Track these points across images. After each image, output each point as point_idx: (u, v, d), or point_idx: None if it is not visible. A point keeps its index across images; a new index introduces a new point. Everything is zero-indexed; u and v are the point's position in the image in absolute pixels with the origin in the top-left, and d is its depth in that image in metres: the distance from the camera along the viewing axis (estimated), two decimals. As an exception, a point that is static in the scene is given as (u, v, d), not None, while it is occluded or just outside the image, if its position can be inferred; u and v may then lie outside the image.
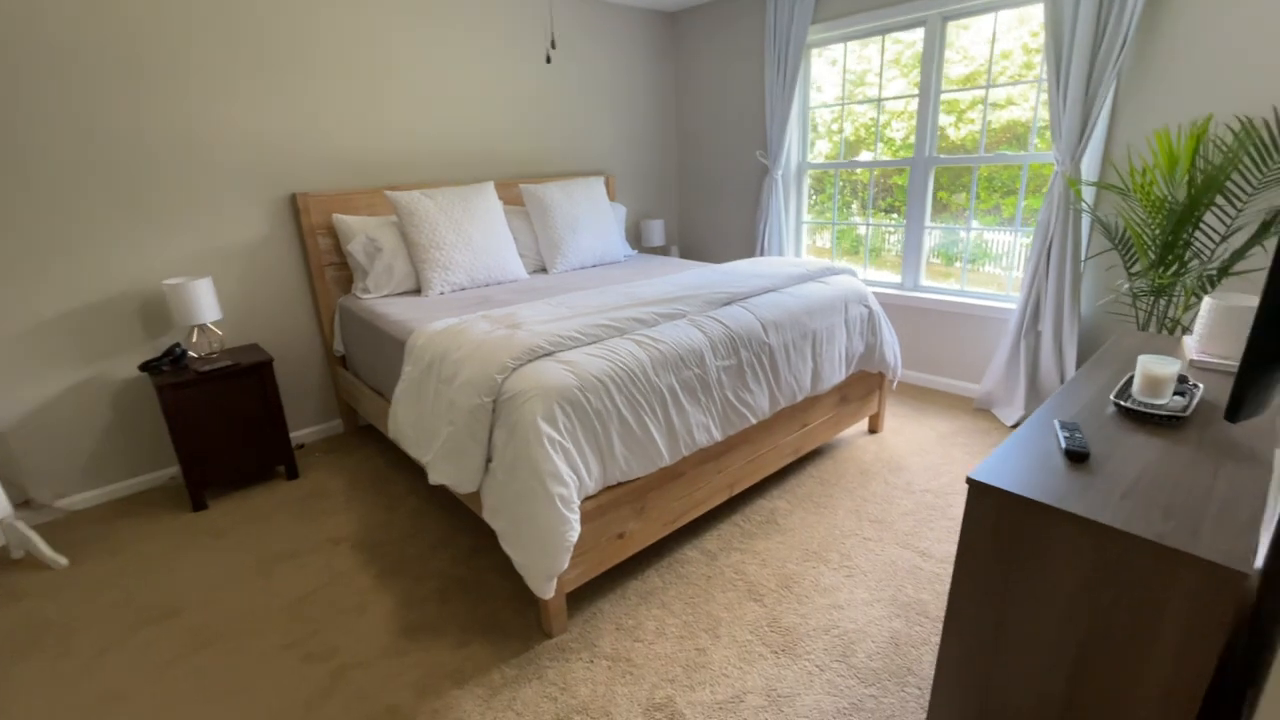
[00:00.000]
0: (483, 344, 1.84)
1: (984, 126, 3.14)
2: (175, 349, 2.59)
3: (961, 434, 2.94)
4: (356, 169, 3.10)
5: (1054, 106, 2.67)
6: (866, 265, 3.84)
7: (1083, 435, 1.24)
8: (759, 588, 1.95)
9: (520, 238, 3.38)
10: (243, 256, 2.84)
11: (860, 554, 2.10)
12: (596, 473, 1.77)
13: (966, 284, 3.38)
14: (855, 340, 2.62)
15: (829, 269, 2.74)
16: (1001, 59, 3.04)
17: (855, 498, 2.44)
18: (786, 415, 2.41)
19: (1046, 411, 1.43)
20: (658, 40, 4.27)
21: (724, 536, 2.22)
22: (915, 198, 3.42)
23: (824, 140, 3.74)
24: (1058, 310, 2.83)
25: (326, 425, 3.26)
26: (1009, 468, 1.18)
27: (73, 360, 2.51)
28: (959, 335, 3.36)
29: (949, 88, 3.21)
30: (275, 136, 2.82)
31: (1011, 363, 3.03)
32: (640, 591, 1.97)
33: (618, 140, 4.21)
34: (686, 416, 1.96)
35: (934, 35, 3.15)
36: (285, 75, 2.80)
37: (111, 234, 2.51)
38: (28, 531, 2.23)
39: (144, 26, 2.44)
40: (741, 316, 2.21)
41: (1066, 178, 2.65)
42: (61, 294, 2.45)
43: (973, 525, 1.17)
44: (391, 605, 1.95)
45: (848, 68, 3.63)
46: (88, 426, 2.58)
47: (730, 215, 4.41)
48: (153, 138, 2.53)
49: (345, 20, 2.92)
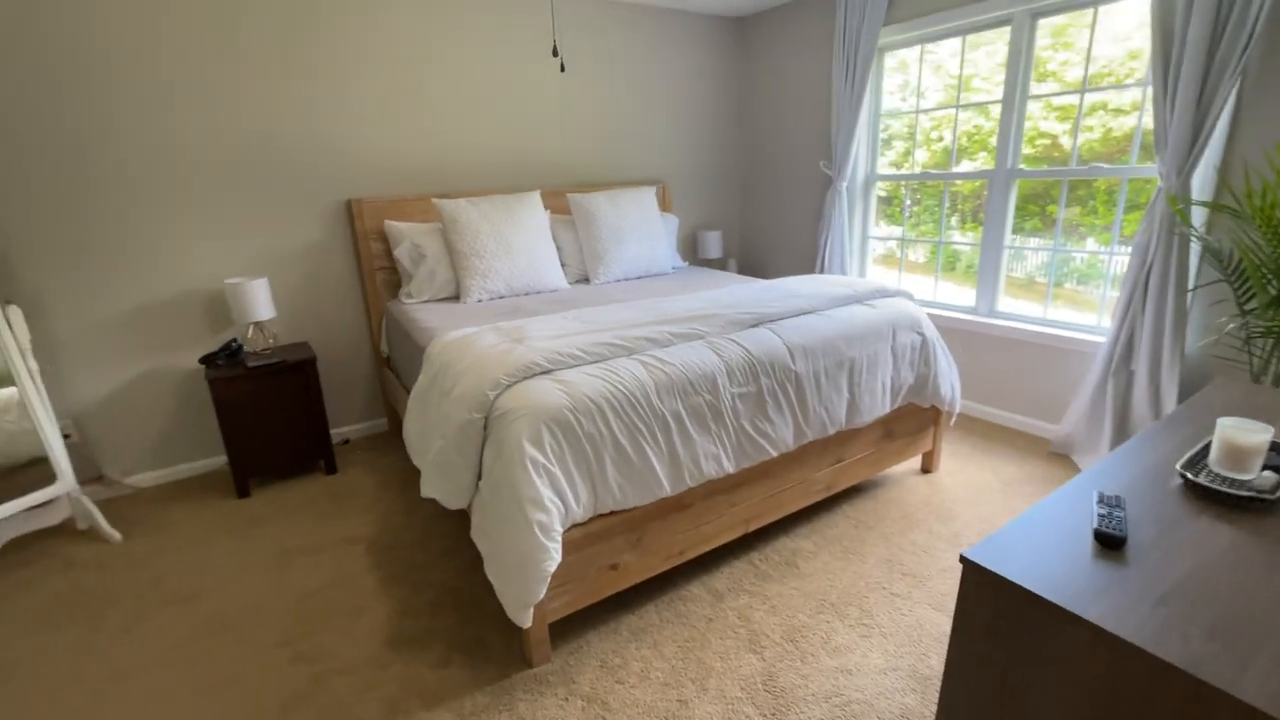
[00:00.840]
0: (483, 357, 1.80)
1: (1075, 136, 2.78)
2: (232, 344, 2.75)
3: (1030, 481, 2.60)
4: (410, 176, 3.20)
5: (1159, 114, 2.32)
6: (937, 282, 3.52)
7: (1124, 514, 1.01)
8: (761, 638, 1.79)
9: (565, 247, 3.36)
10: (300, 258, 2.99)
11: (884, 612, 1.88)
12: (586, 500, 1.68)
13: (1050, 309, 3.01)
14: (903, 370, 2.37)
15: (879, 290, 2.51)
16: (1097, 62, 2.68)
17: (891, 545, 2.20)
18: (816, 449, 2.21)
19: (1091, 476, 1.20)
20: (722, 47, 4.14)
21: (735, 576, 2.07)
22: (994, 214, 3.09)
23: (922, 149, 3.42)
24: (1155, 347, 2.45)
25: (371, 423, 3.38)
26: (1021, 547, 0.98)
27: (145, 350, 2.73)
28: (1037, 368, 2.99)
29: (1037, 94, 2.87)
30: (334, 145, 2.95)
31: (1097, 403, 2.66)
32: (634, 628, 1.86)
33: (676, 149, 4.12)
34: (693, 445, 1.83)
35: (1021, 34, 2.83)
36: (344, 85, 2.92)
37: (183, 236, 2.71)
38: (90, 506, 2.43)
39: (217, 45, 2.62)
40: (766, 340, 2.05)
41: (1169, 195, 2.28)
42: (138, 290, 2.67)
43: (966, 614, 0.98)
44: (386, 613, 1.95)
45: (938, 69, 3.35)
46: (155, 412, 2.80)
47: (792, 228, 4.19)
48: (223, 147, 2.71)
49: (402, 34, 3.01)
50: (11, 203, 2.39)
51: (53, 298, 2.51)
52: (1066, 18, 2.72)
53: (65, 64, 2.38)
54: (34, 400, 2.29)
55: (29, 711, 1.63)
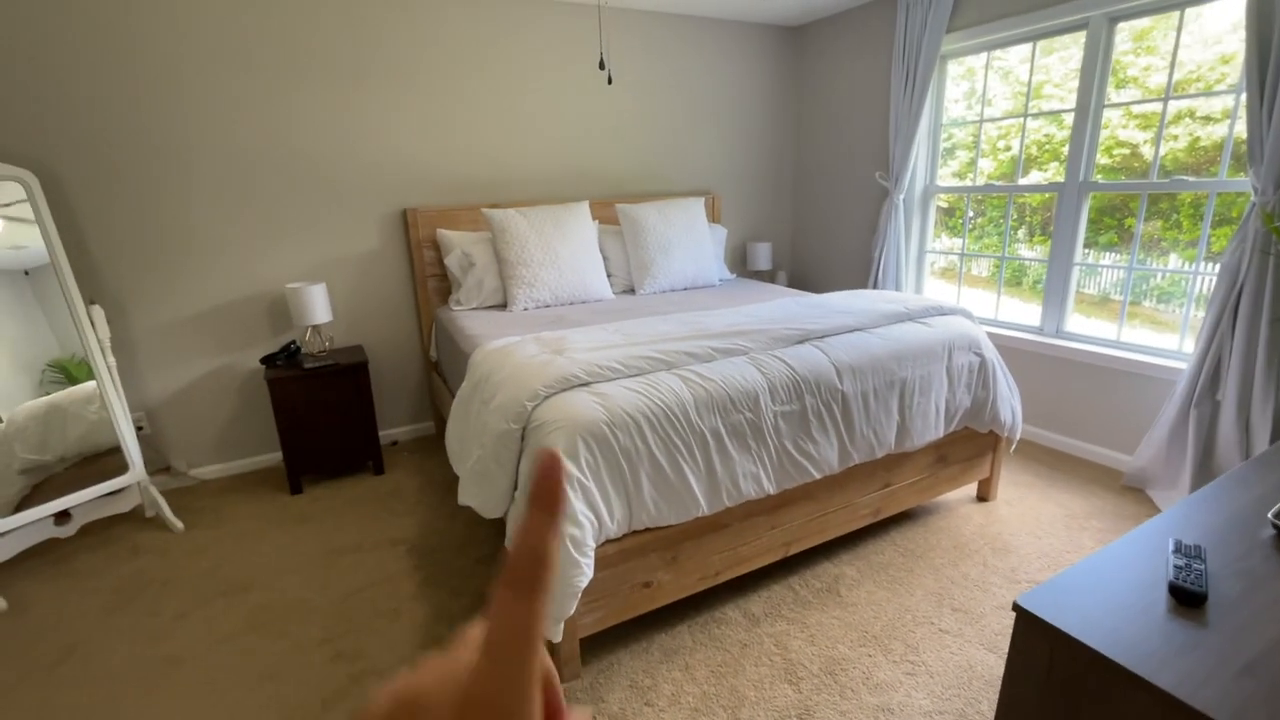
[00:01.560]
0: (523, 367, 1.81)
1: (1157, 145, 2.60)
2: (291, 345, 2.87)
3: (1098, 516, 2.43)
4: (463, 187, 3.27)
5: (1253, 123, 2.13)
6: (999, 299, 3.35)
7: (1204, 567, 0.92)
8: (799, 668, 1.72)
9: (613, 257, 3.37)
10: (357, 265, 3.10)
11: (931, 649, 1.78)
12: (620, 515, 1.65)
13: (1125, 330, 2.81)
14: (959, 393, 2.26)
15: (934, 308, 2.40)
16: (1183, 68, 2.49)
17: (941, 578, 2.08)
18: (863, 472, 2.13)
19: (1167, 520, 1.09)
20: (777, 56, 4.08)
21: (773, 600, 2.00)
22: (1064, 228, 2.91)
23: (988, 159, 3.26)
24: (1245, 377, 2.24)
25: (420, 426, 3.46)
26: (1084, 596, 0.90)
27: (213, 349, 2.88)
28: (1110, 394, 2.79)
29: (1115, 102, 2.70)
30: (391, 157, 3.06)
31: (1177, 435, 2.46)
32: (666, 648, 1.82)
33: (727, 160, 4.07)
34: (732, 464, 1.79)
35: (1098, 39, 2.67)
36: (401, 100, 3.02)
37: (249, 243, 2.85)
38: (158, 495, 2.57)
39: (285, 63, 2.76)
40: (812, 357, 1.98)
41: (1263, 212, 2.09)
42: (210, 292, 2.82)
43: (1020, 665, 0.90)
44: (424, 616, 1.98)
45: (1006, 75, 3.20)
46: (219, 408, 2.95)
47: (845, 241, 4.08)
48: (288, 159, 2.85)
49: (456, 50, 3.10)
50: (99, 212, 2.57)
51: (131, 299, 2.68)
52: (1149, 20, 2.55)
53: (145, 79, 2.55)
54: (111, 394, 2.44)
55: (87, 691, 1.72)
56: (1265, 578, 0.92)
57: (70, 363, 2.39)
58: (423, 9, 2.97)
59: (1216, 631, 0.82)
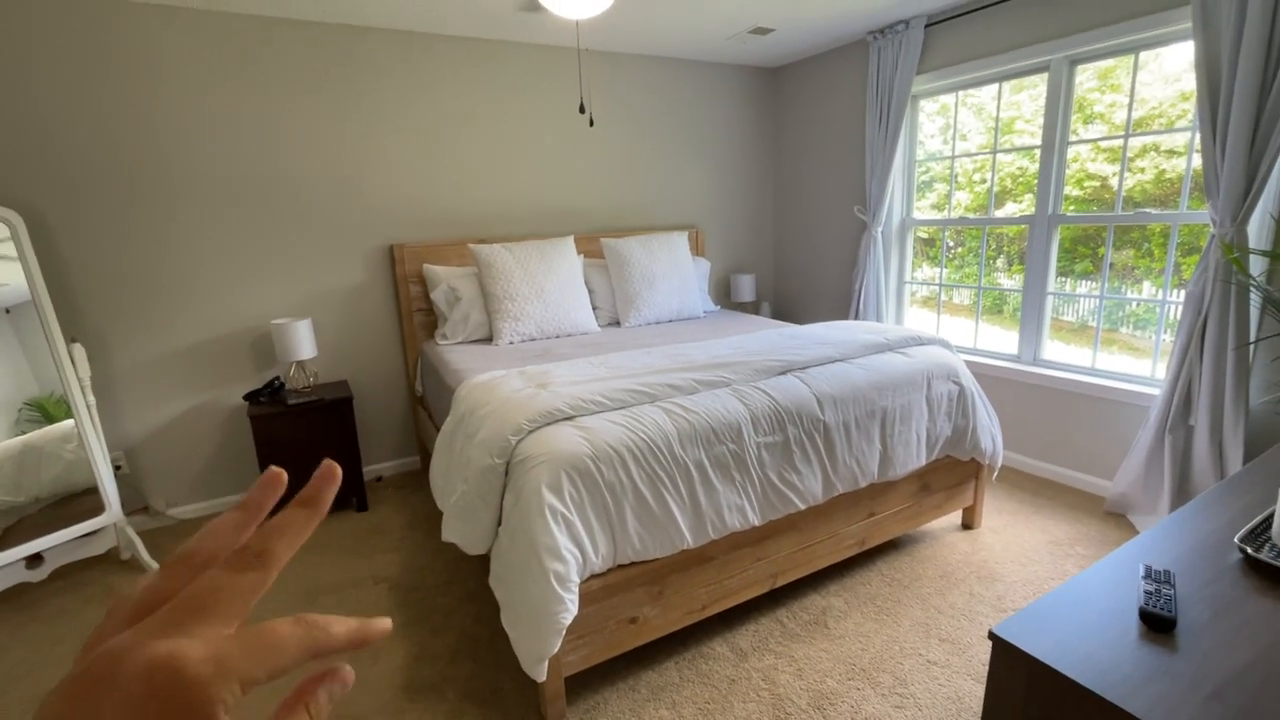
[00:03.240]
0: (507, 402, 1.81)
1: (1120, 180, 2.70)
2: (275, 381, 2.86)
3: (1082, 542, 2.44)
4: (449, 222, 3.32)
5: (1208, 159, 2.23)
6: (977, 327, 3.41)
7: (1173, 591, 0.93)
8: (786, 704, 1.70)
9: (598, 291, 3.41)
10: (343, 299, 3.11)
11: (919, 680, 1.76)
12: (605, 550, 1.65)
13: (1100, 357, 2.87)
14: (940, 421, 2.29)
15: (913, 338, 2.45)
16: (1146, 104, 2.61)
17: (928, 607, 2.08)
18: (847, 502, 2.14)
19: (1139, 545, 1.11)
20: (756, 95, 4.22)
21: (761, 633, 1.98)
22: (1036, 259, 3.00)
23: (964, 191, 3.37)
24: (1215, 402, 2.30)
25: (406, 460, 3.43)
26: (1058, 623, 0.91)
27: (195, 386, 2.86)
28: (1088, 421, 2.84)
29: (1079, 139, 2.82)
30: (378, 194, 3.10)
31: (1154, 460, 2.50)
32: (653, 685, 1.79)
33: (710, 194, 4.17)
34: (716, 496, 1.79)
35: (1059, 81, 2.79)
36: (389, 138, 3.08)
37: (235, 279, 2.86)
38: (134, 536, 2.52)
39: (269, 101, 2.82)
40: (794, 388, 2.01)
41: (1221, 243, 2.17)
42: (193, 328, 2.81)
43: (997, 695, 0.91)
44: (404, 657, 1.94)
45: (979, 111, 3.33)
46: (200, 446, 2.91)
47: (826, 273, 4.16)
48: (274, 195, 2.88)
49: (442, 90, 3.17)
50: (83, 249, 2.57)
51: (113, 336, 2.67)
52: (1113, 61, 2.67)
53: (129, 115, 2.59)
54: (90, 433, 2.41)
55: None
56: (1233, 602, 0.94)
57: (49, 401, 2.37)
58: (411, 49, 3.06)
59: (1185, 657, 0.83)
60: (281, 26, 2.78)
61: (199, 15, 2.62)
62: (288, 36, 2.79)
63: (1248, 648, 0.84)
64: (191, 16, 2.61)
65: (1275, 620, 0.90)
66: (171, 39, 2.59)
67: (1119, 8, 2.53)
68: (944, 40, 3.19)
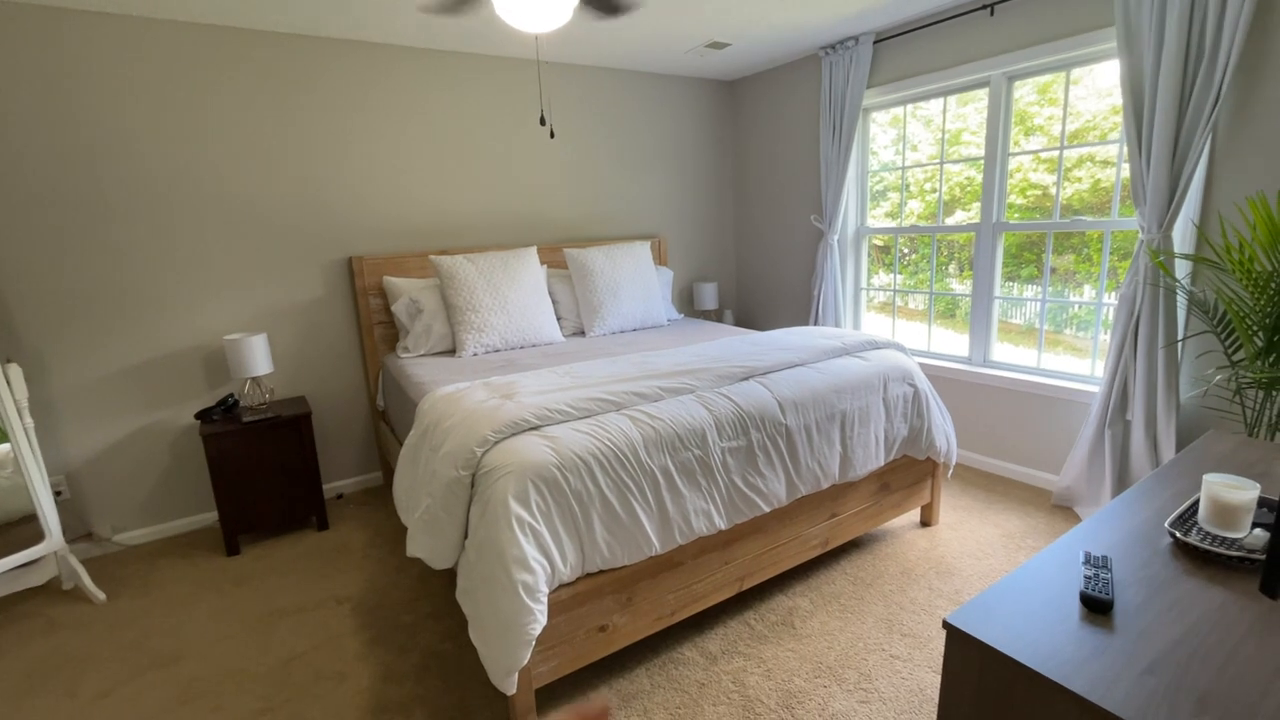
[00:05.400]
0: (472, 413, 1.80)
1: (1058, 190, 2.85)
2: (228, 399, 2.77)
3: (1032, 534, 2.55)
4: (410, 234, 3.28)
5: (1135, 169, 2.38)
6: (930, 331, 3.54)
7: (1110, 575, 0.99)
8: (756, 705, 1.72)
9: (562, 301, 3.42)
10: (300, 314, 3.04)
11: (884, 675, 1.81)
12: (574, 559, 1.65)
13: (1045, 358, 3.01)
14: (896, 423, 2.37)
15: (869, 342, 2.53)
16: (1081, 117, 2.77)
17: (890, 604, 2.14)
18: (811, 503, 2.19)
19: (1079, 533, 1.18)
20: (714, 107, 4.30)
21: (730, 636, 2.01)
22: (983, 265, 3.14)
23: (917, 200, 3.49)
24: (1149, 398, 2.44)
25: (368, 477, 3.36)
26: (1007, 610, 0.96)
27: (141, 406, 2.75)
28: (1034, 419, 2.97)
29: (1020, 150, 2.96)
30: (336, 205, 3.05)
31: (1095, 455, 2.63)
32: (624, 693, 1.79)
33: (672, 204, 4.23)
34: (683, 501, 1.82)
35: (999, 95, 2.94)
36: (346, 148, 3.04)
37: (186, 294, 2.77)
38: (77, 565, 2.40)
39: (219, 109, 2.75)
40: (756, 394, 2.05)
41: (1149, 249, 2.32)
42: (141, 346, 2.71)
43: (952, 681, 0.95)
44: (370, 678, 1.89)
45: (929, 123, 3.46)
46: (148, 468, 2.79)
47: (786, 280, 4.26)
48: (226, 208, 2.80)
49: (401, 101, 3.15)
50: (16, 265, 2.46)
51: (52, 355, 2.55)
52: (1049, 76, 2.82)
53: (65, 129, 2.49)
54: (27, 458, 2.29)
55: (-6, 787, 1.57)
56: (1164, 583, 1.01)
57: (-18, 425, 2.25)
58: (368, 59, 3.03)
59: (1122, 635, 0.89)
60: (235, 36, 2.72)
61: (146, 24, 2.55)
62: (241, 46, 2.74)
63: (1178, 624, 0.90)
64: (139, 25, 2.53)
65: (1201, 599, 0.96)
66: (115, 49, 2.51)
67: (1051, 27, 2.68)
68: (892, 56, 3.32)
